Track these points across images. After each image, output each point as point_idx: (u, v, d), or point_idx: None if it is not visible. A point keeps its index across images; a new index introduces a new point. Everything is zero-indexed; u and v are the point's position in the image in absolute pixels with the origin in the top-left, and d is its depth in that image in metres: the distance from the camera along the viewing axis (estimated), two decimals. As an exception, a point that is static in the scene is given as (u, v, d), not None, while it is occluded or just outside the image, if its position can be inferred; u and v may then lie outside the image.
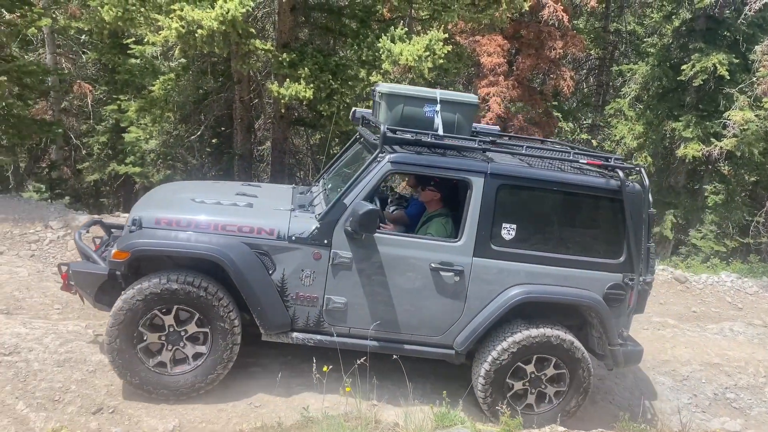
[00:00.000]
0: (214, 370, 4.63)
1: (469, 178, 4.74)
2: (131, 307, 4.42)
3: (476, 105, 5.33)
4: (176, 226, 4.61)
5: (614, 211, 4.89)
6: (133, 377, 4.52)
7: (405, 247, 4.76)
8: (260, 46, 8.60)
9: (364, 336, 4.81)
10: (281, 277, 4.69)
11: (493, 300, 4.78)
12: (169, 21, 7.97)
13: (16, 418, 4.17)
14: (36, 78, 10.45)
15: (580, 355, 4.83)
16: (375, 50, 8.75)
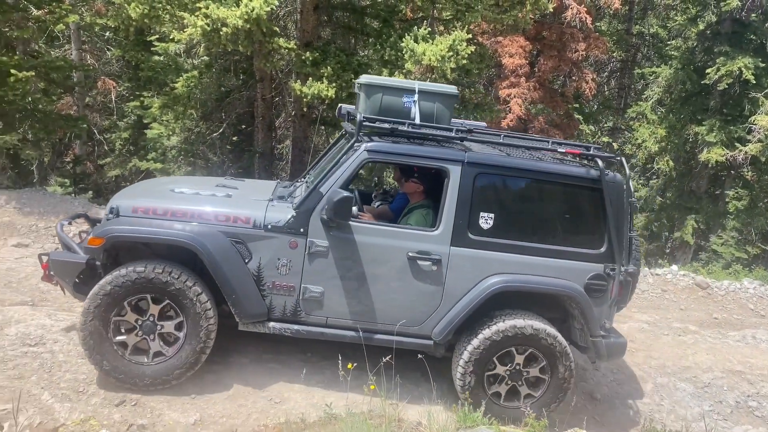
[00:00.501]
0: (188, 359, 4.59)
1: (446, 167, 4.73)
2: (104, 295, 4.41)
3: (455, 96, 5.29)
4: (152, 215, 4.62)
5: (594, 200, 4.84)
6: (107, 365, 4.50)
7: (382, 236, 4.74)
8: (283, 45, 8.64)
9: (342, 326, 4.81)
10: (257, 266, 4.67)
11: (471, 290, 4.73)
12: (195, 19, 8.04)
13: (41, 408, 4.23)
14: (62, 74, 10.62)
15: (560, 346, 4.75)
16: (397, 50, 8.75)
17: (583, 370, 6.27)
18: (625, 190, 4.84)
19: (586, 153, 4.91)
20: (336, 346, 4.96)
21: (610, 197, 4.77)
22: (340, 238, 4.68)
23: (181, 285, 4.46)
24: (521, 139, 5.29)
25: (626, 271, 4.85)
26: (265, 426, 4.27)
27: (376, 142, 4.76)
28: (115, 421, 4.20)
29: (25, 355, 4.83)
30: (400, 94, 5.06)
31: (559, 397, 4.86)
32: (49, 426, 4.05)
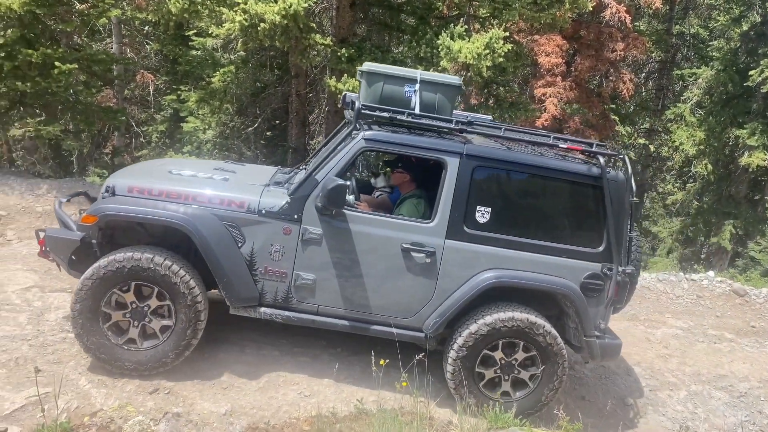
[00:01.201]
0: (177, 347, 4.57)
1: (444, 159, 4.67)
2: (94, 282, 4.41)
3: (458, 87, 5.19)
4: (147, 195, 4.62)
5: (594, 198, 4.75)
6: (98, 351, 4.52)
7: (376, 226, 4.70)
8: (320, 41, 8.68)
9: (333, 315, 4.79)
10: (250, 250, 4.65)
11: (465, 284, 4.68)
12: (233, 14, 8.13)
13: (79, 393, 4.33)
14: (104, 66, 10.84)
15: (552, 341, 4.68)
16: (433, 47, 8.72)
17: (613, 374, 6.18)
18: (627, 189, 4.76)
19: (588, 150, 4.85)
20: (368, 342, 4.98)
21: (611, 196, 4.69)
22: (334, 226, 4.65)
23: (166, 271, 4.43)
24: (523, 134, 5.18)
25: (624, 271, 4.75)
26: (296, 419, 4.30)
27: (375, 130, 4.70)
28: (150, 409, 4.27)
29: (63, 341, 4.96)
30: (402, 83, 4.99)
31: (550, 392, 4.79)
32: (86, 410, 4.14)
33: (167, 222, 4.50)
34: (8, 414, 4.03)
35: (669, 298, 8.90)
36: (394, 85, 4.98)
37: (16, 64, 9.34)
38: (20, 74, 9.44)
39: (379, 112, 4.69)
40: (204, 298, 4.60)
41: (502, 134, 4.86)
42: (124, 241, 4.84)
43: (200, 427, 4.06)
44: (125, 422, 3.77)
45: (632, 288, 5.15)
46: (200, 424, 4.08)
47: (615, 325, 7.50)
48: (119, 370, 4.56)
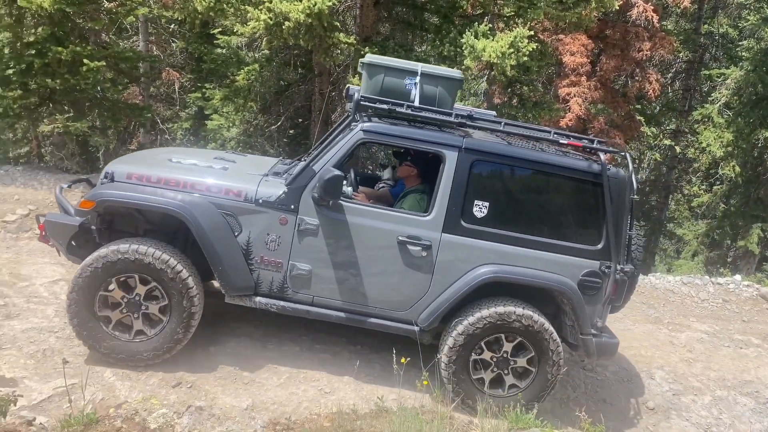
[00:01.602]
0: (172, 338, 4.59)
1: (443, 152, 4.65)
2: (89, 275, 4.43)
3: (459, 80, 5.17)
4: (146, 182, 4.63)
5: (594, 195, 4.71)
6: (93, 341, 4.56)
7: (373, 218, 4.68)
8: (343, 40, 8.71)
9: (328, 306, 4.78)
10: (247, 239, 4.66)
11: (460, 278, 4.65)
12: (258, 13, 8.19)
13: (104, 385, 4.40)
14: (131, 64, 11.00)
15: (547, 335, 4.66)
16: (456, 46, 8.69)
17: (636, 377, 6.11)
18: (628, 186, 4.72)
19: (588, 146, 4.80)
20: (389, 340, 4.98)
21: (611, 193, 4.64)
22: (330, 217, 4.64)
23: (162, 265, 4.45)
24: (524, 129, 5.14)
25: (623, 270, 4.70)
26: (317, 415, 4.32)
27: (374, 122, 4.71)
28: (173, 402, 4.33)
29: (89, 334, 5.05)
30: (403, 76, 4.97)
31: (547, 387, 4.76)
32: (110, 402, 4.20)
33: (164, 209, 4.52)
34: (36, 404, 4.12)
35: (694, 301, 8.75)
36: (394, 77, 4.97)
37: (46, 61, 9.53)
38: (50, 71, 9.63)
39: (378, 104, 4.68)
40: (199, 293, 4.60)
41: (502, 128, 4.84)
42: (123, 228, 4.90)
43: (222, 421, 4.10)
44: (149, 414, 3.83)
45: (632, 287, 5.08)
46: (222, 418, 4.13)
47: (639, 328, 7.43)
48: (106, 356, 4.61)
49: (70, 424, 3.42)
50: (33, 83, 9.64)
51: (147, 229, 4.95)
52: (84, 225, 4.66)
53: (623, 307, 5.39)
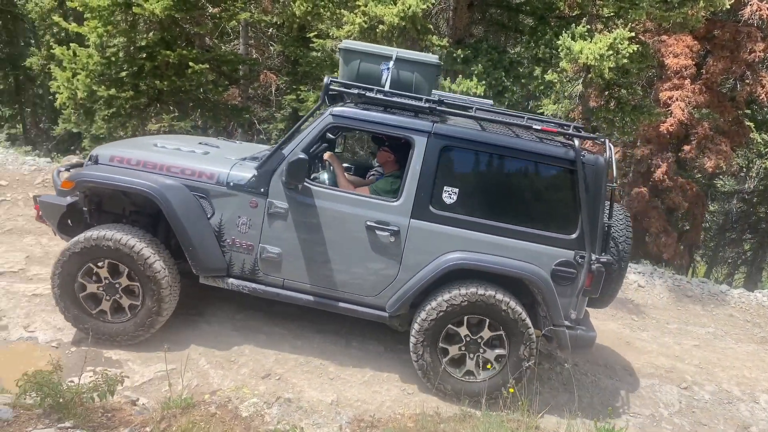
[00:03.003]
0: (147, 319, 4.72)
1: (412, 137, 4.61)
2: (67, 259, 4.61)
3: (437, 65, 5.08)
4: (126, 164, 4.78)
5: (568, 182, 4.57)
6: (78, 322, 4.76)
7: (341, 202, 4.68)
8: (436, 42, 8.71)
9: (298, 289, 4.79)
10: (219, 221, 4.74)
11: (428, 265, 4.59)
12: (353, 16, 8.34)
13: (198, 372, 4.63)
14: (232, 67, 11.50)
15: (514, 314, 4.56)
16: (552, 48, 8.48)
17: (738, 400, 5.73)
18: (604, 173, 4.55)
19: (563, 132, 4.62)
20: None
21: (587, 180, 4.49)
22: (299, 201, 4.67)
23: (128, 251, 4.54)
24: (498, 115, 4.98)
25: (599, 260, 4.49)
26: (401, 415, 4.35)
27: (343, 107, 4.70)
28: (262, 392, 4.48)
29: (185, 323, 5.31)
30: (379, 61, 4.94)
31: (520, 371, 4.63)
32: (204, 389, 4.41)
33: (136, 190, 4.64)
34: (138, 386, 4.38)
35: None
36: (370, 63, 4.96)
37: (155, 64, 10.16)
38: (159, 73, 10.26)
39: (348, 89, 4.66)
40: (167, 276, 4.69)
41: (473, 114, 4.72)
42: (111, 209, 5.08)
43: (309, 414, 4.21)
44: (241, 403, 3.99)
45: (617, 280, 4.92)
46: (309, 411, 4.23)
47: (742, 348, 6.95)
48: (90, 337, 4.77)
49: (170, 406, 3.62)
50: (143, 85, 10.29)
51: (132, 211, 5.12)
52: (72, 205, 4.87)
53: (608, 302, 5.22)
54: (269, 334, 5.24)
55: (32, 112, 20.67)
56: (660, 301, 8.41)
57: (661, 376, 5.95)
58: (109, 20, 9.65)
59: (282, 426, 3.89)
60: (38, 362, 4.36)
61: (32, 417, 3.26)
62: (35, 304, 5.26)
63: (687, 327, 7.67)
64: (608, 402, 5.21)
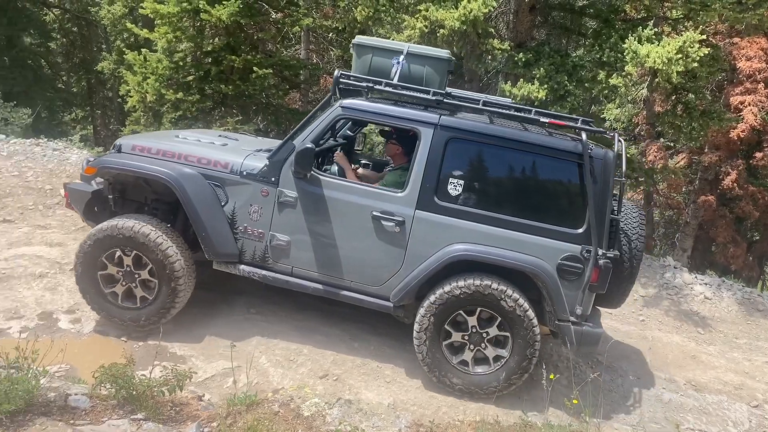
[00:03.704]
0: (164, 305, 4.86)
1: (418, 129, 4.68)
2: (86, 250, 4.80)
3: (447, 60, 5.15)
4: (147, 153, 4.98)
5: (575, 176, 4.53)
6: (97, 307, 4.95)
7: (349, 192, 4.77)
8: (497, 46, 8.64)
9: (305, 277, 4.89)
10: (232, 209, 4.89)
11: (432, 256, 4.61)
12: (414, 21, 8.37)
13: (259, 370, 4.72)
14: (293, 71, 11.73)
15: (520, 310, 4.52)
16: (617, 51, 8.28)
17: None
18: (613, 168, 4.51)
19: (570, 125, 4.58)
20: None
21: (594, 174, 4.46)
22: (308, 190, 4.77)
23: (143, 239, 4.71)
24: (505, 108, 4.87)
25: (605, 255, 4.44)
26: (460, 422, 4.32)
27: (352, 99, 4.80)
28: (318, 392, 4.52)
29: (246, 321, 5.44)
30: (391, 56, 5.04)
31: (527, 358, 4.60)
32: (264, 387, 4.49)
33: (153, 176, 4.82)
34: (201, 382, 4.49)
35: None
36: (382, 57, 5.08)
37: (221, 69, 10.47)
38: (224, 78, 10.56)
39: (357, 81, 4.77)
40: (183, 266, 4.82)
41: (480, 107, 4.74)
42: (134, 198, 5.27)
43: (369, 416, 4.23)
44: (303, 402, 4.05)
45: (630, 278, 4.90)
46: (369, 413, 4.26)
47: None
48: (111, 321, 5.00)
49: (234, 403, 3.72)
50: (209, 89, 10.61)
51: (153, 200, 5.26)
52: (98, 193, 5.11)
53: (620, 302, 5.19)
54: (327, 335, 5.31)
55: (102, 114, 21.61)
56: (728, 314, 8.08)
57: (729, 392, 5.71)
58: (178, 26, 10.01)
59: (343, 427, 3.93)
60: (109, 355, 4.54)
61: (107, 407, 3.42)
62: (107, 298, 5.47)
63: (757, 342, 7.34)
64: (672, 417, 5.05)
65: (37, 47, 15.84)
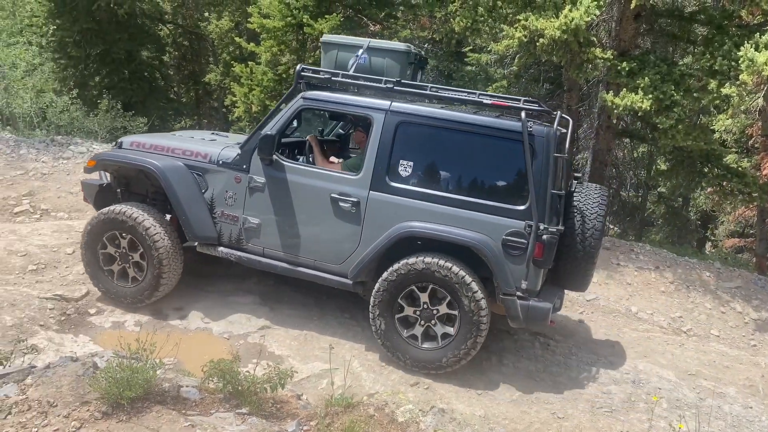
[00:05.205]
0: (160, 281, 5.31)
1: (371, 115, 5.01)
2: (94, 225, 5.35)
3: (405, 52, 5.47)
4: (141, 148, 5.61)
5: (515, 154, 4.68)
6: (98, 283, 5.49)
7: (309, 176, 5.16)
8: (599, 55, 8.39)
9: (274, 257, 5.27)
10: (211, 195, 5.40)
11: (384, 234, 4.83)
12: (513, 30, 8.30)
13: (351, 374, 4.80)
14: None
15: (458, 279, 4.66)
16: (731, 59, 7.81)
17: None
18: (551, 144, 4.62)
19: (512, 105, 4.78)
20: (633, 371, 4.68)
21: (534, 151, 4.61)
22: (274, 176, 5.19)
23: (132, 222, 5.20)
24: (451, 92, 5.13)
25: (547, 230, 4.55)
26: (551, 437, 4.25)
27: (313, 91, 5.22)
28: (408, 399, 4.54)
29: (340, 325, 5.60)
30: (354, 51, 5.43)
31: (473, 333, 4.72)
32: (357, 390, 4.59)
33: (141, 167, 5.37)
34: (297, 382, 4.64)
35: None
36: (347, 52, 5.48)
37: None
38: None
39: (317, 75, 5.21)
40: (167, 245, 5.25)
41: (428, 92, 4.97)
42: (138, 190, 5.77)
43: (463, 427, 4.23)
44: (397, 407, 4.11)
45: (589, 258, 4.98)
46: (462, 423, 4.26)
47: None
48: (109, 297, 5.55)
49: (332, 404, 3.84)
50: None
51: (153, 191, 5.69)
52: (105, 186, 5.75)
53: (582, 284, 5.24)
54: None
55: (208, 123, 22.85)
56: None
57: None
58: (282, 40, 10.46)
59: (437, 435, 3.96)
60: (212, 350, 4.82)
61: (215, 400, 3.63)
62: (212, 299, 5.81)
63: None
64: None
65: (152, 60, 16.97)
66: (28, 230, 6.77)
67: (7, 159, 8.96)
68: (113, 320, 5.38)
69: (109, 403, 3.36)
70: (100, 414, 3.31)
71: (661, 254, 8.62)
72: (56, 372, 3.54)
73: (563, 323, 6.44)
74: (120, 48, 14.25)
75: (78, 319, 5.33)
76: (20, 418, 3.24)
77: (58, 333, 5.08)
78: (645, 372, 5.50)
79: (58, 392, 3.40)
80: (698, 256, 9.23)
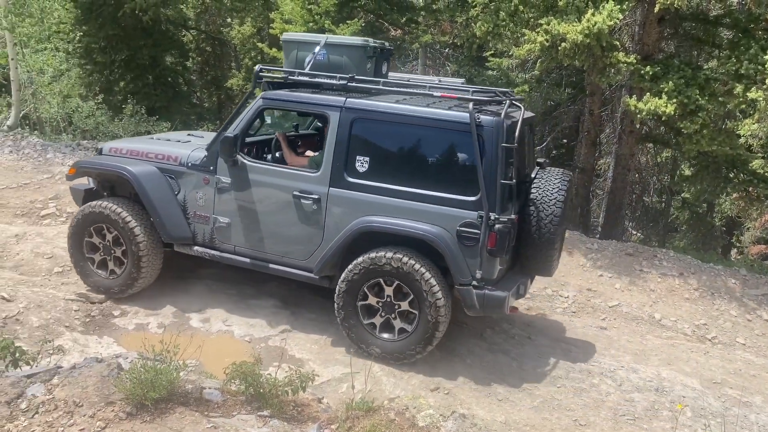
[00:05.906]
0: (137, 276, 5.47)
1: (327, 113, 5.07)
2: (79, 218, 5.54)
3: (362, 47, 5.46)
4: (119, 153, 5.75)
5: (465, 145, 4.73)
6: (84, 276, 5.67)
7: (272, 175, 5.25)
8: (622, 59, 8.32)
9: (245, 254, 5.38)
10: (183, 197, 5.51)
11: (345, 229, 4.92)
12: (535, 35, 8.27)
13: (371, 378, 4.80)
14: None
15: (418, 276, 4.71)
16: (758, 63, 7.71)
17: None
18: (499, 134, 4.64)
19: (461, 96, 4.82)
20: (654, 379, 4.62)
21: (483, 142, 4.64)
22: (239, 176, 5.28)
23: (115, 217, 5.36)
24: (404, 86, 5.15)
25: (498, 219, 4.60)
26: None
27: (272, 91, 5.31)
28: (432, 405, 4.50)
29: (363, 329, 5.58)
30: (312, 48, 5.41)
31: (431, 326, 4.78)
32: (377, 395, 4.57)
33: (114, 172, 5.54)
34: (318, 385, 4.65)
35: None
36: (306, 50, 5.47)
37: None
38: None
39: (274, 74, 5.35)
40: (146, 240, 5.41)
41: (380, 87, 5.04)
42: (122, 194, 5.81)
43: (483, 433, 4.21)
44: (418, 412, 4.10)
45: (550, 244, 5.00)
46: (483, 429, 4.24)
47: None
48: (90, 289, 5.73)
49: (352, 408, 3.85)
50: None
51: (134, 194, 5.66)
52: (90, 191, 5.89)
53: (547, 269, 5.28)
54: (441, 348, 5.33)
55: (230, 127, 23.04)
56: None
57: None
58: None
59: (458, 441, 3.94)
60: (233, 353, 4.86)
61: (237, 402, 3.66)
62: (233, 302, 5.86)
63: None
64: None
65: (176, 66, 17.17)
66: (54, 233, 6.90)
67: (35, 163, 9.15)
68: (137, 322, 5.47)
69: (133, 403, 3.41)
70: (125, 414, 3.36)
71: (686, 260, 8.50)
72: (82, 372, 3.60)
73: (584, 331, 6.38)
74: (144, 54, 14.43)
75: (102, 321, 5.42)
76: (47, 417, 3.31)
77: (83, 334, 5.18)
78: (669, 380, 5.42)
79: (84, 392, 3.46)
80: (723, 263, 9.08)
